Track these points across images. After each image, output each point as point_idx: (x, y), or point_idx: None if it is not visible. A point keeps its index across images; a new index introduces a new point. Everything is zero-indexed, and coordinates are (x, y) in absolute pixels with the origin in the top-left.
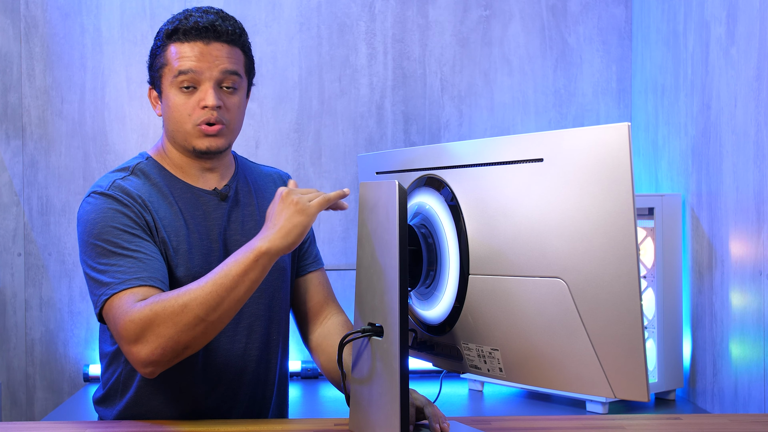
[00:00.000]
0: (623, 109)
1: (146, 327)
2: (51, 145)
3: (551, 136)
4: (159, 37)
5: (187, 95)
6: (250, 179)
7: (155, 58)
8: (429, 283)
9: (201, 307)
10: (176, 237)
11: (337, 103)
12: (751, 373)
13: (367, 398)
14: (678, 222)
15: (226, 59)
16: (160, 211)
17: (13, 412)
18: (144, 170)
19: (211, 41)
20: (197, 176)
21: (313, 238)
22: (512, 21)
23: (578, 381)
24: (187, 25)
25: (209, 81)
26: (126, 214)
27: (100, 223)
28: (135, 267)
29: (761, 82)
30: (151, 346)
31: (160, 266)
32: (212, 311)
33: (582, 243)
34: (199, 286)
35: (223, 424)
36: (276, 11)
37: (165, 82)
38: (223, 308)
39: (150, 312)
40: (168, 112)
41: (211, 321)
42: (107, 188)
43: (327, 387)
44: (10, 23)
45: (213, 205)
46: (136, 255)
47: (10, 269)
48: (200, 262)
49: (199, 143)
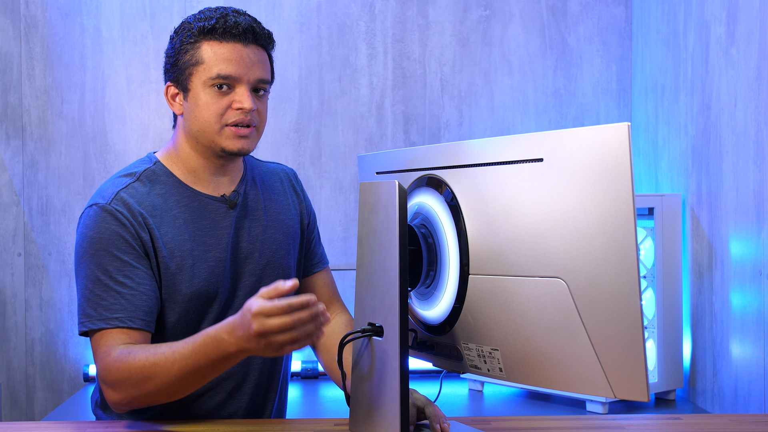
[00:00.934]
0: (623, 109)
1: (116, 381)
2: (51, 145)
3: (551, 136)
4: (188, 34)
5: (221, 95)
6: (257, 179)
7: (182, 54)
8: (429, 283)
9: (164, 383)
10: (180, 253)
11: (337, 103)
12: (751, 373)
13: (367, 398)
14: (678, 222)
15: (261, 65)
16: (162, 227)
17: (13, 412)
18: (150, 177)
19: (249, 43)
20: (208, 181)
21: (318, 238)
22: (512, 21)
23: (578, 381)
24: (226, 24)
25: (246, 84)
26: (122, 236)
27: (96, 245)
28: (118, 304)
29: (761, 82)
30: (120, 395)
31: (145, 301)
32: (175, 387)
33: (582, 243)
34: (166, 359)
35: (223, 424)
36: (276, 11)
37: (196, 80)
38: (187, 388)
39: (118, 371)
40: (196, 111)
41: (174, 392)
42: (109, 201)
43: (327, 387)
44: (10, 23)
45: (221, 214)
46: (123, 290)
47: (10, 269)
48: (206, 275)
49: (230, 144)
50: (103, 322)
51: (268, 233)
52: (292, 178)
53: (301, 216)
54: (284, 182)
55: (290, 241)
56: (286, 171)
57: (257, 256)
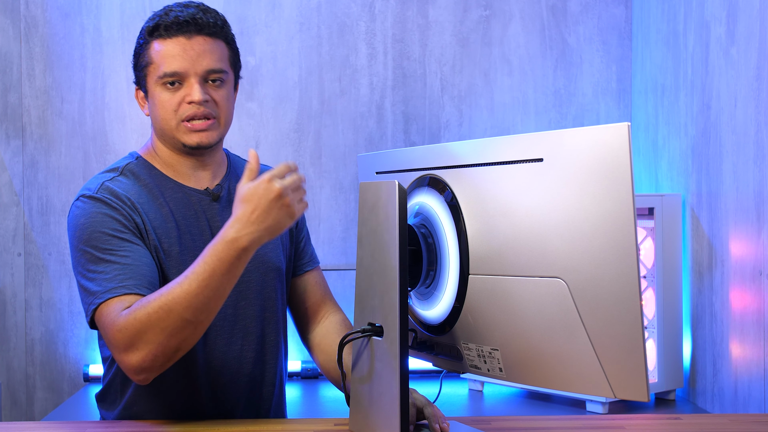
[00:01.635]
0: (623, 109)
1: (135, 335)
2: (51, 145)
3: (551, 136)
4: (141, 36)
5: (173, 91)
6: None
7: (139, 57)
8: (429, 283)
9: (187, 309)
10: (167, 239)
11: (337, 103)
12: (751, 373)
13: (367, 398)
14: (678, 222)
15: (209, 55)
16: (150, 213)
17: (13, 412)
18: (133, 170)
19: (193, 35)
20: (189, 174)
21: (308, 237)
22: (512, 21)
23: (578, 381)
24: (167, 20)
25: (194, 76)
26: (115, 218)
27: (89, 229)
28: (122, 274)
29: (761, 82)
30: (141, 353)
31: (148, 271)
32: (199, 312)
33: (582, 243)
34: (182, 287)
35: (223, 424)
36: (276, 11)
37: (150, 80)
38: (210, 307)
39: (135, 320)
40: (155, 110)
41: (199, 321)
42: (96, 191)
43: (327, 387)
44: (10, 23)
45: (205, 205)
46: (124, 261)
47: (10, 269)
48: (192, 263)
49: (188, 139)
50: (109, 293)
51: None
52: None
53: None
54: None
55: (279, 238)
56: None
57: None
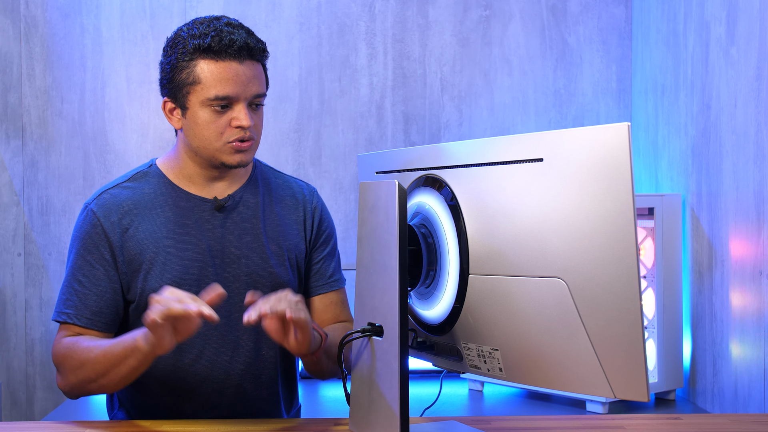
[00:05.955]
0: (623, 109)
1: (59, 363)
2: (51, 145)
3: (551, 136)
4: (182, 50)
5: (219, 114)
6: (264, 187)
7: (178, 71)
8: (429, 283)
9: (93, 371)
10: (154, 249)
11: (337, 103)
12: (751, 373)
13: (367, 398)
14: (678, 222)
15: (257, 81)
16: (140, 224)
17: (13, 412)
18: (142, 178)
19: (245, 60)
20: (202, 185)
21: (330, 259)
22: (512, 21)
23: (578, 381)
24: (222, 42)
25: (244, 101)
26: (91, 236)
27: (73, 243)
28: (70, 301)
29: (761, 82)
30: (63, 381)
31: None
32: (101, 377)
33: (582, 243)
34: (95, 352)
35: (224, 424)
36: (276, 11)
37: (194, 99)
38: (110, 378)
39: (62, 353)
40: (196, 129)
41: (104, 384)
42: (92, 201)
43: (327, 387)
44: (10, 23)
45: (206, 215)
46: (78, 288)
47: (10, 269)
48: (178, 271)
49: (230, 159)
50: (58, 315)
51: (259, 242)
52: (307, 195)
53: (305, 232)
54: (297, 196)
55: (286, 254)
56: (303, 186)
57: (244, 263)
